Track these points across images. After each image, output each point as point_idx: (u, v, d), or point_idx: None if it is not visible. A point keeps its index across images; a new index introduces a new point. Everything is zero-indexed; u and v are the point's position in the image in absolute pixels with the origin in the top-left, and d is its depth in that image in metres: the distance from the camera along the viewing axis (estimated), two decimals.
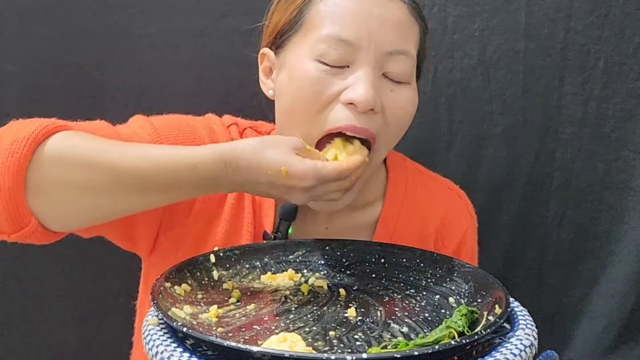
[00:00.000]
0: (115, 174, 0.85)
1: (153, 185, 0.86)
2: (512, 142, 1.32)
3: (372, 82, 0.94)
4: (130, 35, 1.28)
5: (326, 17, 0.95)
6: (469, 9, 1.29)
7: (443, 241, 1.10)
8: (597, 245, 1.33)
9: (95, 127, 0.95)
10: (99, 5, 1.27)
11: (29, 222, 0.85)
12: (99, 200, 0.87)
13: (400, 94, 0.97)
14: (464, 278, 0.90)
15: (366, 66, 0.94)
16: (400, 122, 0.99)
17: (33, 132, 0.84)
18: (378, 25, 0.94)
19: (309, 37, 0.96)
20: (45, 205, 0.86)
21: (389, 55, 0.95)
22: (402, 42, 0.96)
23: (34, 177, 0.84)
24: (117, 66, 1.28)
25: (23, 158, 0.83)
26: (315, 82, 0.94)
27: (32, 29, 1.26)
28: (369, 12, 0.94)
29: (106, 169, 0.85)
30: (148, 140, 0.97)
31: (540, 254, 1.35)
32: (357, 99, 0.93)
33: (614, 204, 1.31)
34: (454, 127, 1.32)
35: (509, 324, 0.79)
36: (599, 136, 1.30)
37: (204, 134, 1.03)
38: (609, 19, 1.26)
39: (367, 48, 0.94)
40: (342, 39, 0.94)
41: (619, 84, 1.28)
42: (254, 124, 1.10)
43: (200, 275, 0.90)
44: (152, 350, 0.73)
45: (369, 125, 0.95)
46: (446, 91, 1.31)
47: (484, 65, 1.30)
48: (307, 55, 0.96)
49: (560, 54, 1.29)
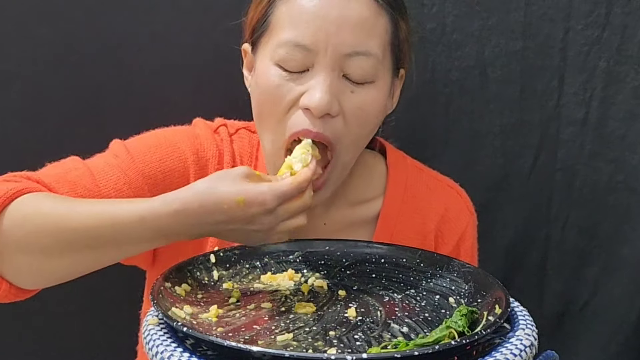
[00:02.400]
0: (67, 235, 0.85)
1: (105, 242, 0.86)
2: (511, 142, 1.32)
3: (329, 87, 0.93)
4: (131, 35, 1.28)
5: (286, 20, 0.95)
6: (467, 9, 1.29)
7: (443, 238, 1.10)
8: (601, 248, 1.33)
9: (66, 168, 0.96)
10: (99, 5, 1.27)
11: (1, 287, 0.87)
12: (61, 261, 0.87)
13: (360, 95, 0.96)
14: (464, 278, 0.90)
15: (324, 70, 0.93)
16: (362, 122, 0.97)
17: None
18: (336, 27, 0.92)
19: (272, 40, 0.96)
20: (12, 268, 0.87)
21: (348, 56, 0.93)
22: (362, 42, 0.94)
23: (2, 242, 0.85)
24: (117, 66, 1.28)
25: None
26: (275, 88, 0.95)
27: (32, 29, 1.26)
28: (326, 14, 0.92)
29: (59, 232, 0.85)
30: (123, 168, 0.98)
31: (543, 257, 1.35)
32: (311, 105, 0.92)
33: (617, 205, 1.31)
34: (452, 126, 1.32)
35: (509, 324, 0.79)
36: (601, 137, 1.30)
37: (186, 146, 1.03)
38: (609, 19, 1.26)
39: (324, 52, 0.93)
40: (299, 43, 0.93)
41: (621, 84, 1.28)
42: (248, 124, 1.09)
43: (200, 275, 0.90)
44: (152, 350, 0.73)
45: (324, 129, 0.94)
46: (444, 90, 1.31)
47: (482, 64, 1.30)
48: (269, 60, 0.96)
49: (559, 54, 1.29)
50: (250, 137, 1.08)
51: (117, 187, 0.96)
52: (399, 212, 1.08)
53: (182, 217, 0.84)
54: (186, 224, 0.84)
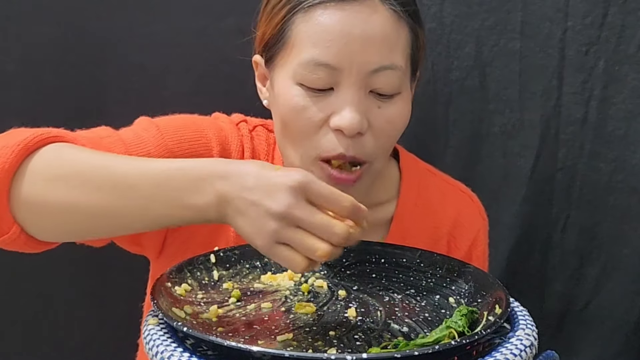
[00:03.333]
0: (88, 205, 0.80)
1: (136, 195, 0.80)
2: (511, 142, 1.32)
3: (357, 105, 0.92)
4: (131, 35, 1.28)
5: (306, 38, 0.92)
6: (466, 9, 1.29)
7: (456, 242, 1.09)
8: (602, 248, 1.33)
9: (98, 134, 0.94)
10: (100, 5, 1.28)
11: (10, 229, 0.83)
12: (75, 223, 0.83)
13: (388, 109, 0.95)
14: (464, 278, 0.90)
15: (350, 88, 0.92)
16: (390, 135, 0.97)
17: (24, 140, 0.82)
18: (360, 45, 0.91)
19: (292, 58, 0.94)
20: (28, 215, 0.82)
21: (374, 72, 0.92)
22: (387, 56, 0.93)
23: (18, 185, 0.81)
24: (118, 66, 1.29)
25: (9, 164, 0.80)
26: (301, 110, 0.93)
27: (33, 29, 1.26)
28: (349, 32, 0.90)
29: (89, 182, 0.81)
30: (152, 142, 0.95)
31: (544, 257, 1.35)
32: (342, 126, 0.91)
33: (617, 205, 1.31)
34: (451, 127, 1.33)
35: (509, 324, 0.79)
36: (601, 137, 1.30)
37: (212, 135, 1.01)
38: (607, 19, 1.26)
39: (349, 70, 0.91)
40: (322, 62, 0.91)
41: (620, 83, 1.28)
42: (265, 122, 1.09)
43: (201, 275, 0.90)
44: (153, 350, 0.73)
45: (355, 151, 0.93)
46: (443, 91, 1.31)
47: (481, 64, 1.30)
48: (290, 79, 0.94)
49: (558, 54, 1.29)
50: (267, 135, 1.07)
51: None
52: (412, 215, 1.08)
53: (211, 163, 0.80)
54: (218, 181, 0.77)
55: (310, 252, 0.74)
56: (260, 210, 0.75)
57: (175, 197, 0.79)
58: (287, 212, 0.74)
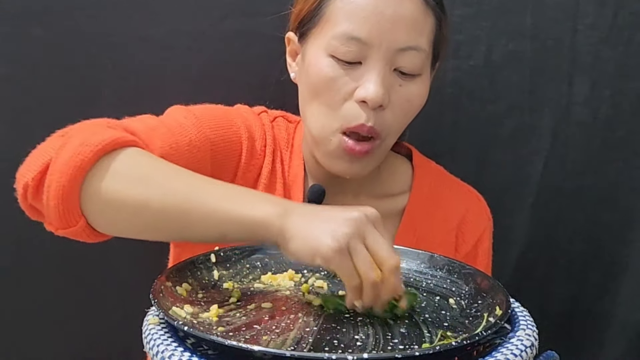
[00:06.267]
0: (163, 206, 0.84)
1: (190, 229, 0.85)
2: (520, 145, 1.31)
3: (382, 80, 0.99)
4: (129, 37, 1.27)
5: (341, 14, 1.00)
6: (474, 10, 1.29)
7: (463, 237, 1.15)
8: (608, 252, 1.33)
9: (151, 125, 0.98)
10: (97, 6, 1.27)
11: (77, 222, 0.87)
12: (145, 221, 0.86)
13: (408, 88, 1.02)
14: (465, 279, 0.91)
15: (377, 63, 0.99)
16: (407, 113, 1.04)
17: (104, 140, 0.86)
18: (391, 24, 0.98)
19: (325, 32, 1.01)
20: (95, 212, 0.87)
21: (401, 51, 0.99)
22: (414, 38, 1.00)
23: (91, 183, 0.85)
24: (114, 68, 1.28)
25: (87, 162, 0.85)
26: (330, 80, 1.00)
27: (28, 30, 1.26)
28: (382, 11, 0.98)
29: (155, 199, 0.85)
30: (193, 130, 1.01)
31: (550, 261, 1.34)
32: (367, 97, 0.98)
33: (624, 209, 1.31)
34: (459, 129, 1.32)
35: (510, 325, 0.79)
36: (611, 142, 1.29)
37: (240, 122, 1.08)
38: (617, 21, 1.26)
39: (379, 46, 0.98)
40: (355, 37, 0.98)
41: (631, 87, 1.27)
42: (285, 114, 1.16)
43: (201, 274, 0.90)
44: (153, 350, 0.73)
45: (375, 122, 1.00)
46: (451, 92, 1.31)
47: (489, 66, 1.29)
48: (322, 51, 1.01)
49: (568, 56, 1.28)
50: (287, 125, 1.14)
51: (189, 148, 0.99)
52: (423, 208, 1.15)
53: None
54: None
55: (367, 270, 0.76)
56: (335, 215, 0.78)
57: (238, 207, 0.82)
58: (362, 220, 0.77)
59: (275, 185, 1.08)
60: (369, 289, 0.77)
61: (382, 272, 0.77)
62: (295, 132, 1.13)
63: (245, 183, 1.06)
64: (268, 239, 0.81)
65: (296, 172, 1.11)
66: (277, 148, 1.11)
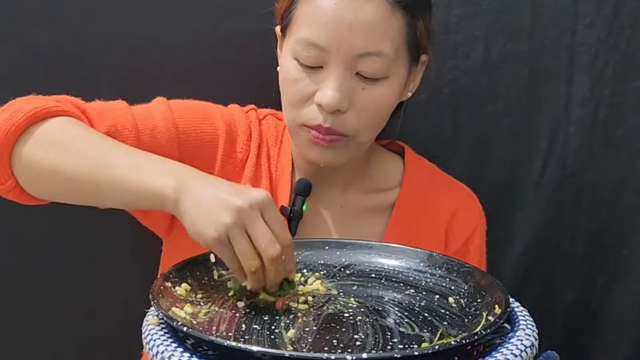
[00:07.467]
0: (75, 172, 0.91)
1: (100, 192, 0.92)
2: (519, 145, 1.31)
3: (340, 85, 0.99)
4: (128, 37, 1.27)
5: (304, 18, 1.01)
6: (472, 9, 1.28)
7: (453, 234, 1.15)
8: (611, 253, 1.32)
9: (111, 107, 1.03)
10: (97, 6, 1.27)
11: (7, 181, 0.94)
12: (59, 185, 0.93)
13: (372, 92, 1.02)
14: (464, 278, 0.91)
15: (336, 69, 1.00)
16: (374, 115, 1.04)
17: (36, 108, 0.93)
18: (349, 29, 0.98)
19: (292, 34, 1.03)
20: (23, 174, 0.94)
21: (360, 57, 0.99)
22: (373, 43, 0.99)
23: (19, 147, 0.92)
24: (114, 68, 1.28)
25: (17, 127, 0.92)
26: (294, 82, 1.02)
27: (28, 30, 1.25)
28: (341, 16, 0.98)
29: (76, 152, 0.91)
30: (160, 117, 1.04)
31: (553, 263, 1.34)
32: (323, 102, 1.00)
33: (626, 210, 1.30)
34: (458, 129, 1.31)
35: (509, 324, 0.79)
36: (611, 141, 1.29)
37: (220, 117, 1.09)
38: (617, 21, 1.25)
39: (337, 52, 0.99)
40: (314, 43, 0.99)
41: (631, 86, 1.27)
42: (275, 112, 1.16)
43: (200, 274, 0.90)
44: (153, 350, 0.73)
45: (333, 124, 1.01)
46: (449, 92, 1.30)
47: (487, 66, 1.29)
48: (289, 53, 1.03)
49: (567, 56, 1.28)
50: (277, 123, 1.15)
51: (152, 133, 1.03)
52: (413, 203, 1.15)
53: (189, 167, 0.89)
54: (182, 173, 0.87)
55: (245, 260, 0.81)
56: (220, 200, 0.81)
57: (140, 178, 0.87)
58: (244, 210, 0.80)
59: (260, 180, 1.09)
60: (251, 276, 0.82)
61: (263, 261, 0.81)
62: (285, 129, 1.13)
63: (226, 175, 1.06)
64: (168, 210, 0.86)
65: (284, 166, 1.12)
66: (264, 143, 1.12)
